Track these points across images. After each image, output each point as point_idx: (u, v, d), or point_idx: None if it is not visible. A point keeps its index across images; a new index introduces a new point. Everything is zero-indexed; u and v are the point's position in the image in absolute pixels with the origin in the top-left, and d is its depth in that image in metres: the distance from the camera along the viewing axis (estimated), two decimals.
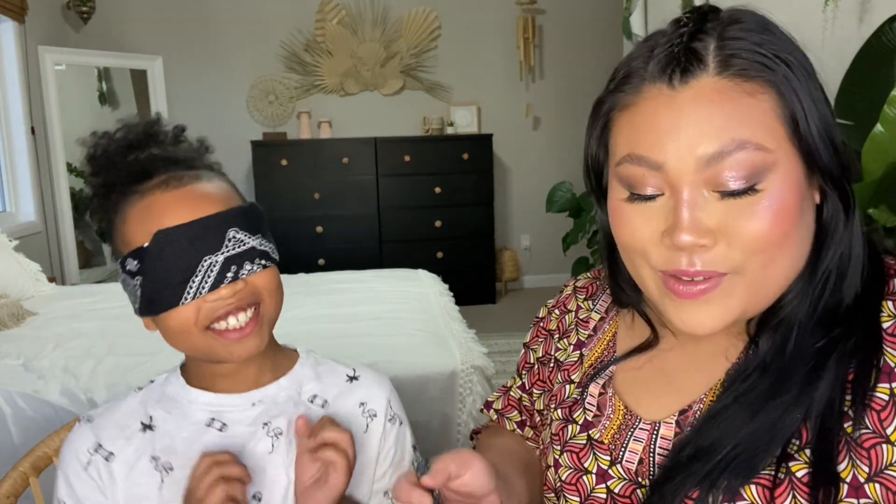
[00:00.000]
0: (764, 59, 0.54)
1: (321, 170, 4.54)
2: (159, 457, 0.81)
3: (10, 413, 1.75)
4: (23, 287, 2.80)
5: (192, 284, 0.75)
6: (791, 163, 0.54)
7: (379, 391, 0.93)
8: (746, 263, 0.54)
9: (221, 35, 4.71)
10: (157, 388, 0.87)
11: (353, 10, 4.80)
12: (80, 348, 2.12)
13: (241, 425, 0.83)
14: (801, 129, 0.54)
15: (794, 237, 0.55)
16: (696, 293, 0.55)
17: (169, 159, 0.82)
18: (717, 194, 0.54)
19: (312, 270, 3.59)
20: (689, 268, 0.55)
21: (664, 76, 0.55)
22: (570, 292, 0.83)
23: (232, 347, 0.78)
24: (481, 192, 4.70)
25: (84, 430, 0.83)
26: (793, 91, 0.54)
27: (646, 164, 0.55)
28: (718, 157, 0.53)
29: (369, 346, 2.03)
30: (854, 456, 0.52)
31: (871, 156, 1.63)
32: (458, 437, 1.87)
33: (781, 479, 0.53)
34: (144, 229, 0.76)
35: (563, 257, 4.45)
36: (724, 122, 0.53)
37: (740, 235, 0.54)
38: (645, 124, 0.56)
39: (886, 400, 0.52)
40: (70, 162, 4.36)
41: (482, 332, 3.37)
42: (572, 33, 5.01)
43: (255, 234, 0.80)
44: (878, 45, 1.93)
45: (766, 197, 0.53)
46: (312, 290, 2.79)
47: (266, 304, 0.81)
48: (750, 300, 0.56)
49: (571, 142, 5.01)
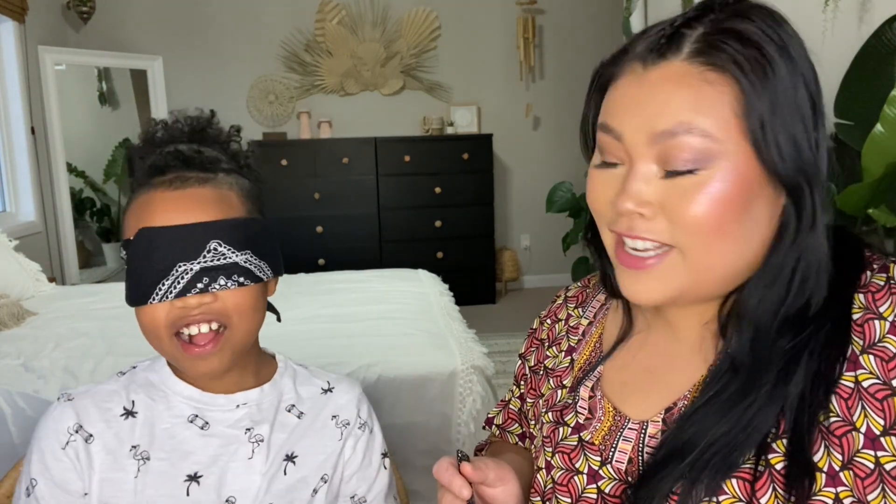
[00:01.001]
0: (737, 57, 0.55)
1: (321, 170, 4.55)
2: (138, 445, 0.81)
3: (10, 413, 1.75)
4: (23, 287, 2.80)
5: (162, 287, 0.76)
6: (741, 158, 0.55)
7: (350, 400, 0.94)
8: (685, 243, 0.57)
9: (221, 35, 4.71)
10: (140, 373, 0.87)
11: (353, 10, 4.80)
12: (80, 348, 2.12)
13: (222, 426, 0.83)
14: (756, 133, 0.55)
15: (735, 230, 0.56)
16: (641, 264, 0.59)
17: (185, 158, 0.82)
18: (663, 171, 0.57)
19: (312, 270, 3.59)
20: (628, 231, 0.59)
21: (643, 56, 0.59)
22: (561, 302, 0.84)
23: (193, 362, 0.79)
24: (481, 192, 4.70)
25: (65, 409, 0.82)
26: (758, 96, 0.54)
27: (611, 134, 0.60)
28: (668, 135, 0.55)
29: (369, 346, 2.03)
30: (828, 445, 0.53)
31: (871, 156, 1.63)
32: (457, 437, 1.87)
33: (761, 472, 0.54)
34: (136, 223, 0.78)
35: (563, 257, 4.45)
36: (679, 105, 0.55)
37: (678, 214, 0.56)
38: (617, 97, 0.60)
39: (851, 388, 0.54)
40: (70, 162, 4.37)
41: (482, 332, 3.37)
42: (572, 33, 5.01)
43: (242, 250, 0.79)
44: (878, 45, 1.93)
45: (706, 183, 0.55)
46: (312, 290, 2.79)
47: (234, 327, 0.80)
48: (691, 281, 0.58)
49: (571, 142, 5.01)
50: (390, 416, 1.81)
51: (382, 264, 4.50)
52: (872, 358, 0.54)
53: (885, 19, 1.91)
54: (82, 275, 4.39)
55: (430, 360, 1.94)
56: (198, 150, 0.83)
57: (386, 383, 1.84)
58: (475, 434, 1.86)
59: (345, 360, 1.89)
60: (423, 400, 1.86)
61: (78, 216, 4.36)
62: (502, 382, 3.04)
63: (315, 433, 0.88)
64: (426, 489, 1.79)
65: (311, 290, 2.79)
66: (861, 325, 0.55)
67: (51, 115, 4.07)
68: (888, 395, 0.52)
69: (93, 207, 5.37)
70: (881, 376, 0.53)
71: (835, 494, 0.52)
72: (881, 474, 0.52)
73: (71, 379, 1.87)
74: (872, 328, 0.55)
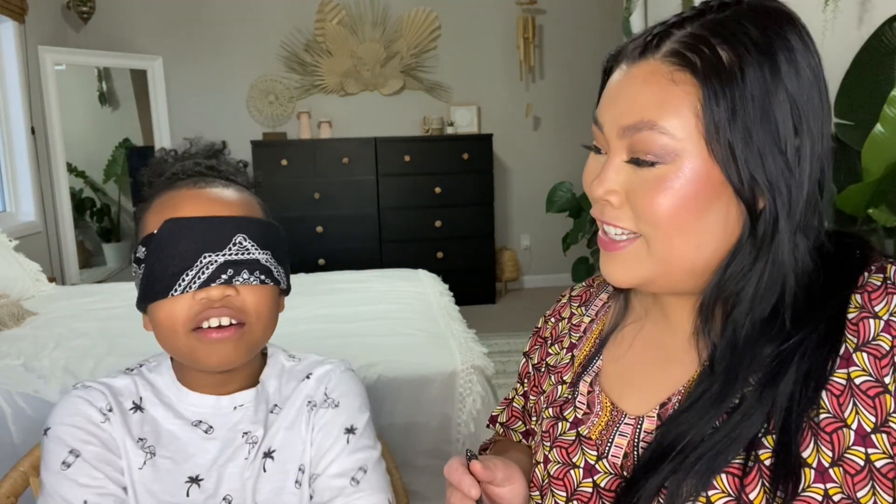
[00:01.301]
0: (704, 60, 0.55)
1: (321, 170, 4.55)
2: (145, 438, 0.82)
3: (10, 413, 1.75)
4: (23, 287, 2.80)
5: (186, 277, 0.76)
6: (700, 159, 0.56)
7: (320, 380, 0.91)
8: (648, 233, 0.60)
9: (221, 35, 4.71)
10: (146, 373, 0.88)
11: (353, 10, 4.80)
12: (80, 348, 2.12)
13: (223, 429, 0.84)
14: (711, 136, 0.55)
15: (692, 227, 0.58)
16: (613, 247, 0.63)
17: (207, 167, 0.85)
18: (631, 164, 0.60)
19: (312, 270, 3.59)
20: (599, 216, 0.64)
21: (629, 53, 0.62)
22: (566, 301, 0.85)
23: (209, 349, 0.78)
24: (481, 192, 4.70)
25: (93, 392, 0.83)
26: (717, 100, 0.54)
27: (596, 124, 0.64)
28: (632, 129, 0.58)
29: (369, 346, 2.03)
30: (818, 441, 0.53)
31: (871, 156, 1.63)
32: (458, 436, 1.87)
33: (751, 468, 0.54)
34: (160, 218, 0.79)
35: (563, 257, 4.45)
36: (645, 102, 0.58)
37: (640, 205, 0.59)
38: (605, 90, 0.64)
39: (844, 385, 0.54)
40: (70, 162, 4.37)
41: (482, 332, 3.37)
42: (572, 33, 5.01)
43: (263, 249, 0.81)
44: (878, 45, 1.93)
45: (666, 178, 0.57)
46: (312, 290, 2.79)
47: (251, 325, 0.80)
48: (657, 269, 0.61)
49: (571, 142, 5.01)
50: (390, 416, 1.81)
51: (382, 264, 4.50)
52: (866, 356, 0.54)
53: (885, 19, 1.91)
54: (82, 275, 4.39)
55: (430, 360, 1.94)
56: (217, 164, 0.87)
57: (386, 383, 1.84)
58: (475, 434, 1.86)
59: (345, 360, 1.89)
60: (423, 400, 1.86)
61: (78, 216, 4.36)
62: (502, 382, 3.04)
63: (289, 423, 0.87)
64: (426, 489, 1.79)
65: (311, 290, 2.79)
66: (856, 324, 0.56)
67: (51, 115, 4.07)
68: (880, 392, 0.53)
69: (93, 207, 5.37)
70: (874, 374, 0.53)
71: (824, 491, 0.52)
72: (871, 471, 0.52)
73: (71, 379, 1.87)
74: (867, 326, 0.55)
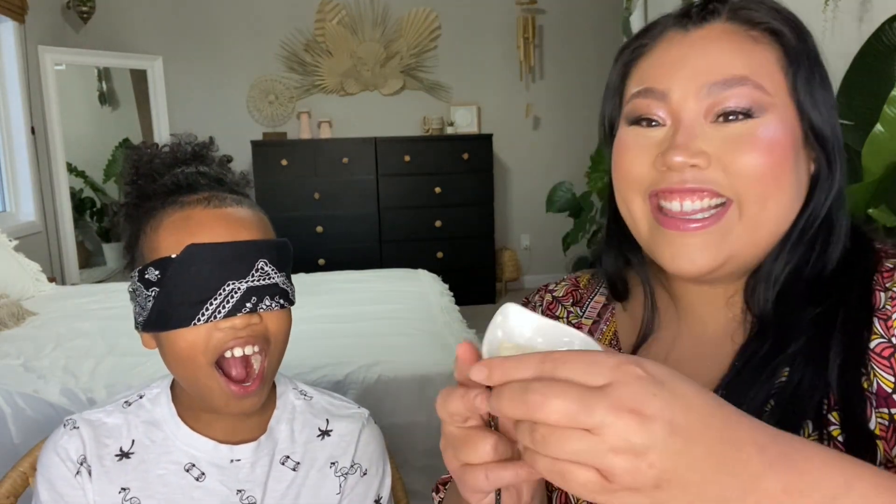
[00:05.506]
0: (774, 17, 0.59)
1: (321, 170, 4.54)
2: (129, 488, 0.79)
3: (10, 413, 1.75)
4: (23, 287, 2.80)
5: (210, 307, 0.73)
6: (788, 112, 0.58)
7: (348, 441, 0.87)
8: (742, 193, 0.56)
9: (221, 35, 4.71)
10: (145, 405, 0.84)
11: (353, 10, 4.80)
12: (80, 348, 2.11)
13: (216, 479, 0.80)
14: (800, 90, 0.58)
15: (787, 179, 0.57)
16: (687, 226, 0.57)
17: (215, 179, 0.82)
18: (714, 125, 0.57)
19: (312, 270, 3.59)
20: (680, 185, 0.57)
21: (680, 24, 0.61)
22: (552, 300, 0.81)
23: (230, 400, 0.76)
24: (481, 192, 4.69)
25: (74, 438, 0.80)
26: (798, 57, 0.58)
27: (652, 96, 0.59)
28: (721, 86, 0.56)
29: (369, 346, 2.03)
30: (876, 366, 0.54)
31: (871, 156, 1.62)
32: None
33: (826, 443, 0.54)
34: (177, 240, 0.74)
35: (563, 257, 4.45)
36: (730, 59, 0.57)
37: (735, 163, 0.56)
38: (657, 60, 0.61)
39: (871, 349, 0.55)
40: (70, 162, 4.36)
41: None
42: (572, 33, 5.01)
43: (281, 272, 0.79)
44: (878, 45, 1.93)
45: (760, 129, 0.56)
46: (312, 290, 2.79)
47: (272, 352, 0.78)
48: (743, 241, 0.58)
49: (571, 142, 5.01)
50: (390, 416, 1.81)
51: (382, 264, 4.50)
52: (877, 321, 0.56)
53: (885, 19, 1.91)
54: (82, 275, 4.39)
55: (430, 360, 1.94)
56: (223, 173, 0.83)
57: (386, 383, 1.84)
58: None
59: (345, 360, 1.89)
60: (423, 400, 1.86)
61: (78, 216, 4.36)
62: None
63: (312, 485, 0.84)
64: (426, 489, 1.79)
65: (311, 290, 2.79)
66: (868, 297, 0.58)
67: (51, 114, 4.07)
68: (893, 352, 0.54)
69: (93, 207, 5.37)
70: (885, 335, 0.55)
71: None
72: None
73: (71, 379, 1.87)
74: (878, 297, 0.57)
